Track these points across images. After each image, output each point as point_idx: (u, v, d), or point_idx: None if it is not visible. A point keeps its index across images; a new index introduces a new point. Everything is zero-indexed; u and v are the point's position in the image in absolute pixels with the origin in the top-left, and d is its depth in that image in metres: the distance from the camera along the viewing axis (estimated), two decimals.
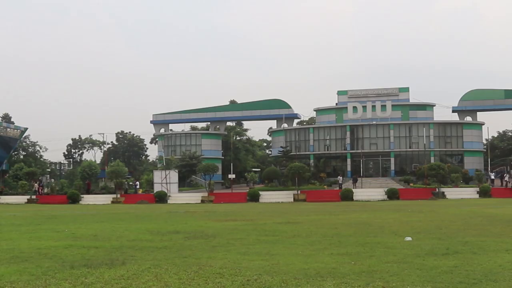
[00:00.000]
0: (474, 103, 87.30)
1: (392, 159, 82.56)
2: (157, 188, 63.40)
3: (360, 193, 60.42)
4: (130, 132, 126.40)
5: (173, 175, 65.16)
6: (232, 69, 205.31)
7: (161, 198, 60.53)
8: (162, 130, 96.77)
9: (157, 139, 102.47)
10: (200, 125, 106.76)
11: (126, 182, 69.20)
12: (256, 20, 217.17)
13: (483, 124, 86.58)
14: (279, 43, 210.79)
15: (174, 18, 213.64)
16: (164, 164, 79.04)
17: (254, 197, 59.74)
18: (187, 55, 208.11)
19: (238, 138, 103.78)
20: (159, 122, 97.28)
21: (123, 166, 74.08)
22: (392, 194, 58.54)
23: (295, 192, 60.62)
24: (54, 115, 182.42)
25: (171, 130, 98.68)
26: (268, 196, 60.42)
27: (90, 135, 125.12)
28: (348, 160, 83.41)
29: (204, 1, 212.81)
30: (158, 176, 65.10)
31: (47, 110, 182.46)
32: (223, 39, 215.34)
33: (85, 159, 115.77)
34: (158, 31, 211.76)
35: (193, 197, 62.12)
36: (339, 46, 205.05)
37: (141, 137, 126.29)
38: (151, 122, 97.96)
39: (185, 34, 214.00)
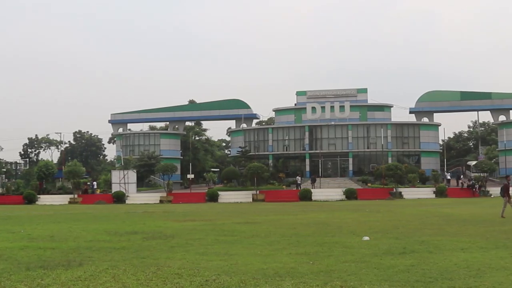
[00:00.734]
0: (430, 105, 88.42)
1: (350, 160, 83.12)
2: (115, 188, 62.94)
3: (318, 193, 60.79)
4: (88, 131, 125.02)
5: (131, 175, 64.76)
6: (191, 68, 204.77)
7: (119, 198, 60.11)
8: (120, 130, 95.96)
9: (115, 139, 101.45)
10: (159, 124, 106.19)
11: (89, 183, 68.54)
12: (216, 20, 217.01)
13: (439, 125, 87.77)
14: (239, 43, 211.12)
15: (135, 16, 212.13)
16: (122, 164, 78.43)
17: (213, 197, 59.68)
18: (146, 54, 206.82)
19: (197, 138, 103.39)
20: (118, 121, 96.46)
21: (80, 166, 73.23)
22: (350, 194, 59.03)
23: (254, 192, 60.74)
24: (10, 113, 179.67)
25: (129, 129, 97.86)
26: (227, 196, 60.42)
27: (47, 135, 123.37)
28: (307, 161, 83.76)
29: (164, 0, 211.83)
30: (116, 176, 64.61)
31: (2, 109, 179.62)
32: (183, 38, 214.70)
33: (41, 158, 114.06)
34: (117, 29, 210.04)
35: (151, 197, 61.83)
36: (298, 47, 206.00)
37: (99, 136, 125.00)
38: (109, 121, 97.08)
39: (144, 33, 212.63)
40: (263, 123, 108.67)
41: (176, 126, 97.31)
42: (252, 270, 12.30)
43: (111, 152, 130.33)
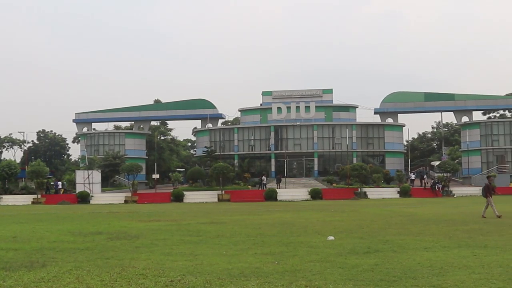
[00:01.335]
0: (395, 105, 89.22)
1: (316, 160, 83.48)
2: (79, 188, 62.37)
3: (284, 193, 60.98)
4: (51, 131, 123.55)
5: (96, 175, 64.23)
6: (157, 68, 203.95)
7: (84, 198, 59.59)
8: (85, 129, 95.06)
9: (79, 139, 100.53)
10: (124, 124, 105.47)
11: (53, 184, 67.75)
12: (182, 19, 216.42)
13: (403, 125, 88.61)
14: (205, 43, 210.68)
15: (99, 13, 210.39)
16: (87, 163, 77.80)
17: (178, 197, 59.53)
18: (111, 53, 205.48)
19: (162, 137, 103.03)
20: (82, 121, 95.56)
21: (44, 166, 72.30)
22: (315, 194, 59.32)
23: (220, 192, 60.72)
24: None
25: (94, 129, 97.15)
26: (192, 196, 60.31)
27: (10, 134, 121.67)
28: (272, 161, 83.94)
29: None
30: (80, 176, 64.02)
31: None
32: (148, 37, 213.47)
33: (4, 158, 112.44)
34: (82, 26, 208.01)
35: (116, 197, 61.45)
36: (264, 48, 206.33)
37: (63, 136, 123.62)
38: (73, 121, 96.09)
39: (110, 30, 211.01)
40: (229, 123, 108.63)
41: (142, 126, 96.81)
42: (218, 270, 12.28)
43: (75, 151, 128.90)
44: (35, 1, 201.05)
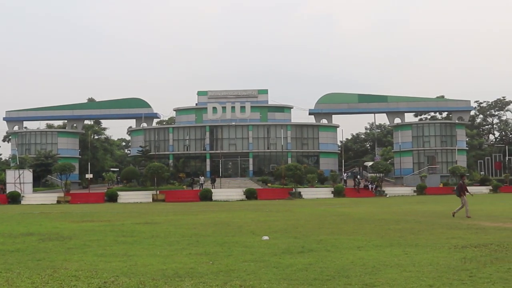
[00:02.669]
0: (329, 106, 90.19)
1: (251, 160, 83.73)
2: (9, 188, 60.96)
3: (219, 193, 60.95)
4: None
5: (27, 175, 62.93)
6: (90, 65, 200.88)
7: (14, 198, 58.26)
8: (15, 128, 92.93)
9: (10, 137, 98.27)
10: (57, 123, 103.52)
11: None
12: (117, 17, 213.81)
13: (337, 126, 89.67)
14: (140, 41, 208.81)
15: (32, 7, 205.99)
16: (18, 163, 76.12)
17: (112, 198, 58.83)
18: (43, 49, 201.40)
19: (96, 137, 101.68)
20: (13, 119, 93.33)
21: None
22: (250, 194, 59.50)
23: (154, 192, 60.31)
24: None
25: (25, 127, 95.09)
26: (126, 196, 59.72)
27: None
28: (208, 161, 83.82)
29: None
30: (11, 175, 62.57)
31: None
32: (82, 34, 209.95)
33: None
34: (12, 20, 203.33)
35: (48, 198, 60.30)
36: (200, 47, 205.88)
37: None
38: (4, 119, 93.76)
39: (42, 26, 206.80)
40: (164, 123, 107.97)
41: (75, 125, 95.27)
42: (152, 271, 12.20)
43: (5, 151, 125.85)
44: None
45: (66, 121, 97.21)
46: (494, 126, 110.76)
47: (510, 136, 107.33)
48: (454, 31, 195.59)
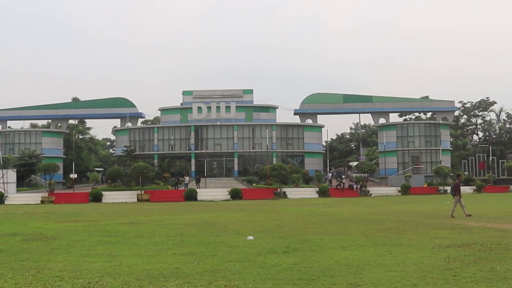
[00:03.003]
0: (314, 106, 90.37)
1: (236, 160, 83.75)
2: None
3: (204, 193, 60.87)
4: None
5: (11, 175, 62.54)
6: (75, 65, 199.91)
7: None
8: None
9: None
10: (41, 122, 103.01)
11: None
12: (102, 17, 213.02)
13: (322, 126, 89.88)
14: (125, 41, 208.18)
15: (13, 4, 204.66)
16: (1, 163, 75.61)
17: (96, 197, 58.57)
18: (28, 48, 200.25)
19: (80, 136, 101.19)
20: None
21: None
22: (235, 194, 59.46)
23: (139, 192, 60.14)
24: None
25: (9, 127, 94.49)
26: (111, 196, 59.50)
27: None
28: (193, 160, 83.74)
29: None
30: None
31: None
32: (66, 33, 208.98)
33: None
34: None
35: (32, 198, 59.92)
36: (186, 47, 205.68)
37: None
38: None
39: (27, 24, 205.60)
40: (149, 122, 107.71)
41: (59, 124, 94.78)
42: (136, 271, 12.16)
43: None
44: None
45: (50, 120, 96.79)
46: (478, 126, 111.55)
47: (494, 136, 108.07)
48: (439, 32, 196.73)
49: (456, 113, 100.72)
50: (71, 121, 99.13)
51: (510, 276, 10.96)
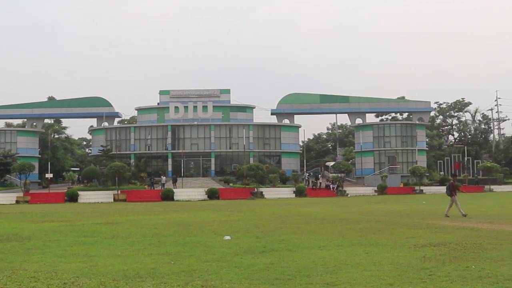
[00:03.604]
0: (291, 106, 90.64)
1: (213, 160, 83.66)
2: None
3: (180, 193, 60.76)
4: None
5: None
6: (51, 63, 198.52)
7: None
8: None
9: None
10: (16, 121, 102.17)
11: None
12: (77, 13, 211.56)
13: (299, 126, 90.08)
14: (102, 39, 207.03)
15: None
16: None
17: (72, 197, 58.21)
18: (2, 45, 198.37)
19: (56, 136, 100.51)
20: None
21: None
22: (212, 194, 59.42)
23: (115, 192, 59.89)
24: None
25: None
26: (87, 196, 59.17)
27: None
28: (169, 160, 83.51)
29: None
30: None
31: None
32: (42, 30, 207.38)
33: None
34: None
35: (7, 198, 59.35)
36: (162, 46, 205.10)
37: None
38: None
39: (0, 21, 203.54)
40: (125, 122, 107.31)
41: (34, 124, 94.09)
42: (113, 272, 12.10)
43: None
44: None
45: (25, 119, 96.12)
46: (454, 127, 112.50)
47: (469, 137, 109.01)
48: (414, 34, 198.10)
49: (432, 113, 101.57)
50: (46, 121, 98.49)
51: (485, 275, 11.06)
